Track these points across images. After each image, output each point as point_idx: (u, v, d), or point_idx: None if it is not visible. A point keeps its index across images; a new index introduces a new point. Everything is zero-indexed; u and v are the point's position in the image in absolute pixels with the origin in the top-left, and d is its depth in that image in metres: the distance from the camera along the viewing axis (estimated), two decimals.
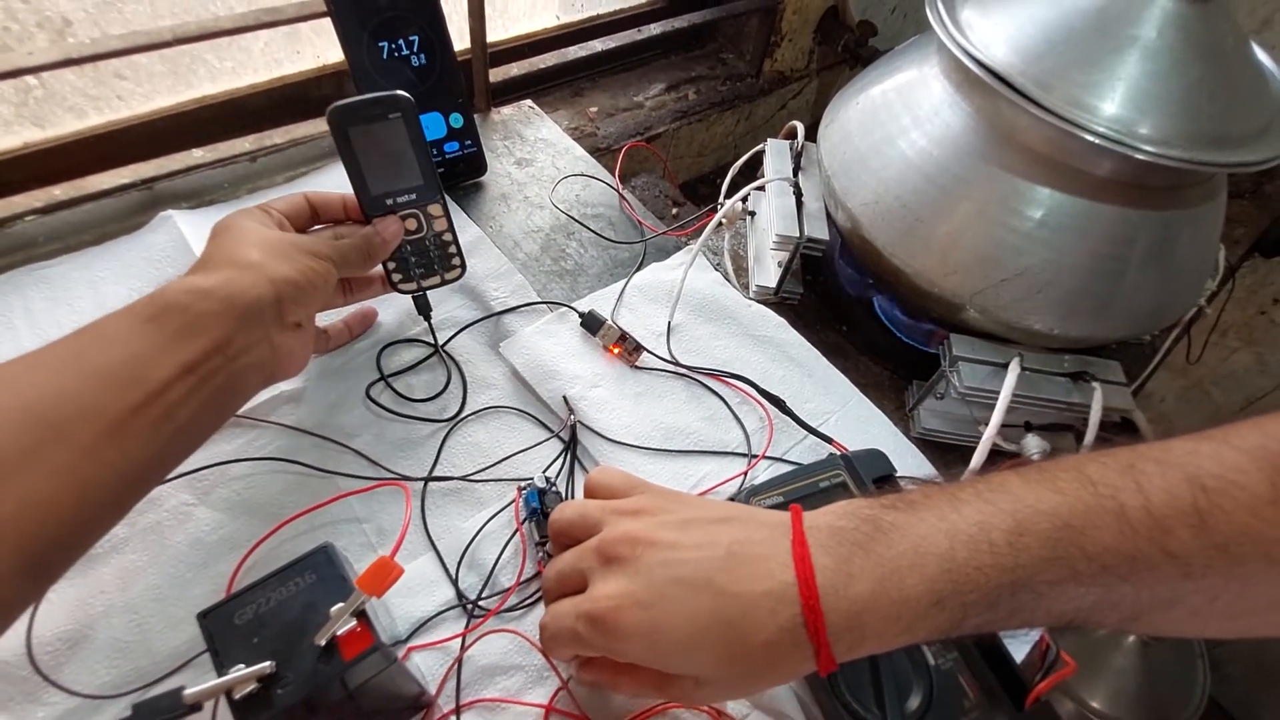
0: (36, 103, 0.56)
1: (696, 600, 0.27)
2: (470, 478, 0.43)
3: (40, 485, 0.26)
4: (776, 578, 0.26)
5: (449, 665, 0.36)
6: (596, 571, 0.29)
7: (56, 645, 0.35)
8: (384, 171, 0.41)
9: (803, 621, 0.25)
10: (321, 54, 0.67)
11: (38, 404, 0.27)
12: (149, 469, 0.30)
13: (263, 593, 0.27)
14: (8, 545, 0.24)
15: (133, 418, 0.28)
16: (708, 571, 0.27)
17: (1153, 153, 0.40)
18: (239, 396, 0.35)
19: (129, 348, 0.29)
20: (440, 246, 0.45)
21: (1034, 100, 0.42)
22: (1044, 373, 0.47)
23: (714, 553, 0.28)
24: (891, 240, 0.48)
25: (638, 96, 0.83)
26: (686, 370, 0.48)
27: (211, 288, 0.32)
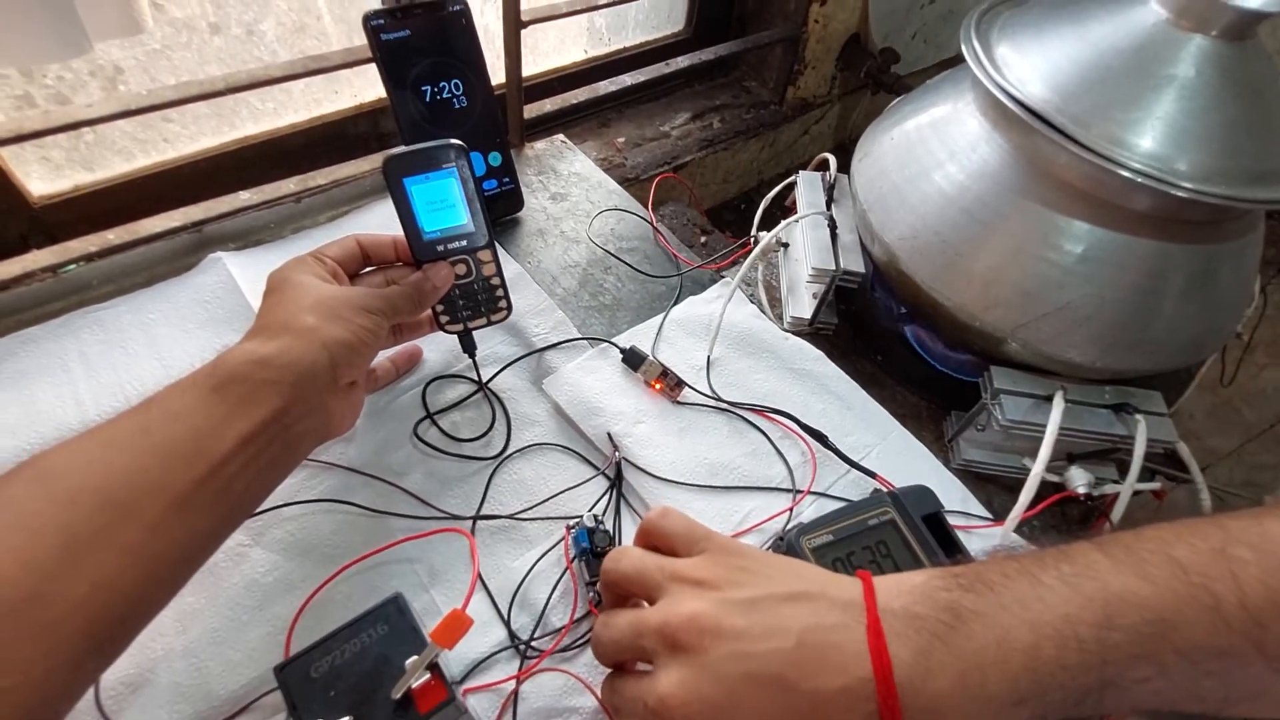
0: (87, 147, 0.57)
1: (768, 698, 0.25)
2: (518, 516, 0.43)
3: (110, 565, 0.26)
4: (852, 673, 0.25)
5: (502, 706, 0.36)
6: (660, 656, 0.27)
7: (119, 689, 0.36)
8: (436, 218, 0.42)
9: (875, 699, 0.24)
10: (359, 93, 0.68)
11: (108, 484, 0.27)
12: (208, 540, 0.31)
13: (336, 644, 0.27)
14: (79, 627, 0.25)
15: (196, 491, 0.29)
16: (779, 666, 0.26)
17: (1191, 189, 0.41)
18: (293, 461, 0.36)
19: (192, 421, 0.30)
20: (488, 290, 0.45)
21: (1072, 137, 0.42)
22: (1086, 404, 0.47)
23: (785, 643, 0.26)
24: (930, 274, 0.49)
25: (664, 126, 0.84)
26: (728, 405, 0.48)
27: (270, 356, 0.33)
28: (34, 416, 0.44)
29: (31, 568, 0.24)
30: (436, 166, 0.41)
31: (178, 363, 0.47)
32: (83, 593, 0.25)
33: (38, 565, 0.24)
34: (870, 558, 0.39)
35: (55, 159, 0.56)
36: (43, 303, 0.49)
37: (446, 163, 0.41)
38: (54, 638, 0.24)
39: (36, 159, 0.56)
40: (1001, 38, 0.48)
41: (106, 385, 0.46)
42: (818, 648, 0.26)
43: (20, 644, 0.23)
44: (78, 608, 0.25)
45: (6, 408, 0.44)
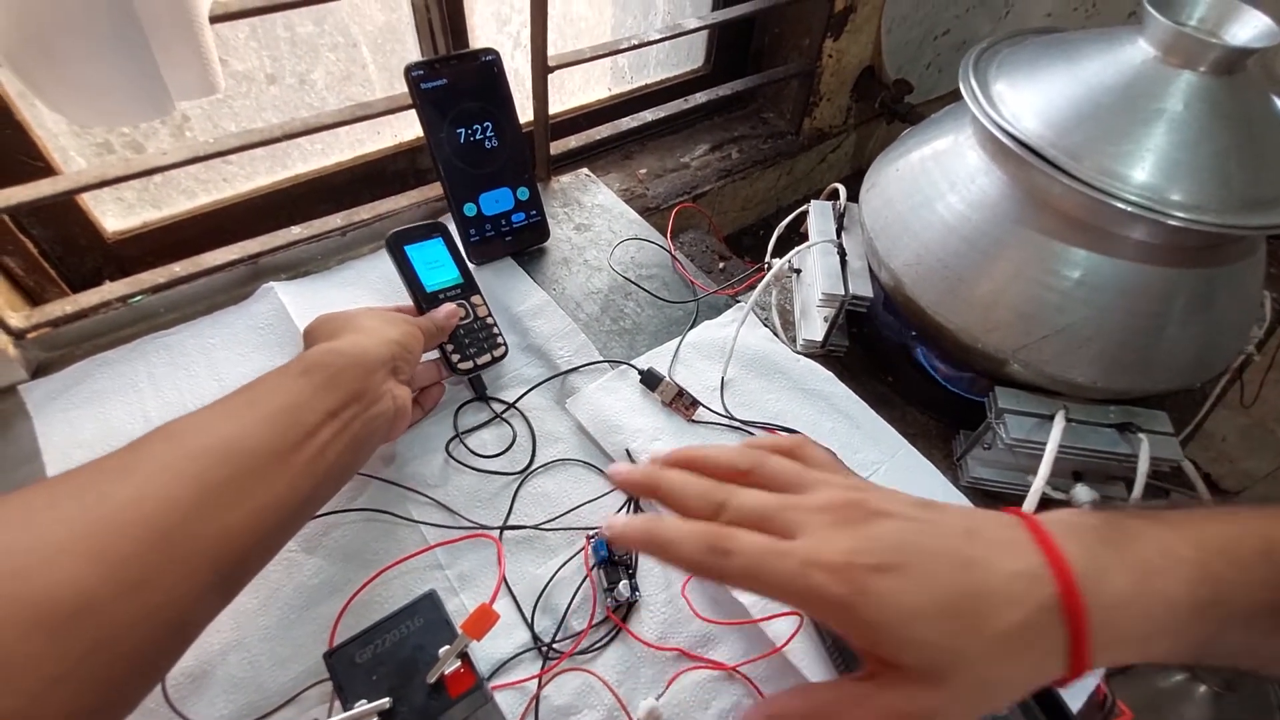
0: (155, 187, 0.63)
1: (945, 570, 0.24)
2: (541, 526, 0.46)
3: (234, 512, 0.30)
4: (1026, 558, 0.24)
5: (526, 704, 0.39)
6: (822, 528, 0.26)
7: (181, 680, 0.39)
8: (433, 274, 0.52)
9: (1059, 604, 0.23)
10: (399, 133, 0.74)
11: (228, 444, 0.31)
12: (306, 502, 0.35)
13: (378, 634, 0.30)
14: (209, 564, 0.28)
15: (295, 454, 0.33)
16: (952, 543, 0.25)
17: (1184, 219, 0.42)
18: (371, 442, 0.40)
19: (288, 397, 0.35)
20: (485, 329, 0.52)
21: (1066, 170, 0.45)
22: (1090, 424, 0.48)
23: (952, 528, 0.26)
24: (934, 299, 0.51)
25: (684, 158, 0.88)
26: (741, 424, 0.51)
27: (344, 348, 0.39)
28: (107, 432, 0.49)
29: (172, 507, 0.28)
30: (428, 236, 0.53)
31: (234, 383, 0.50)
32: (213, 533, 0.29)
33: (177, 506, 0.28)
34: None
35: (128, 199, 0.62)
36: (116, 329, 0.54)
37: (434, 234, 0.53)
38: (190, 568, 0.28)
39: (112, 199, 0.61)
40: (999, 75, 0.51)
41: (171, 404, 0.51)
42: (985, 537, 0.25)
43: (165, 570, 0.27)
44: (208, 546, 0.28)
45: (84, 424, 0.49)
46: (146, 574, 0.26)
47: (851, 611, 0.24)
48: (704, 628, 0.43)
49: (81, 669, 0.24)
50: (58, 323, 0.52)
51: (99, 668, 0.24)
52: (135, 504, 0.27)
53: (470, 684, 0.29)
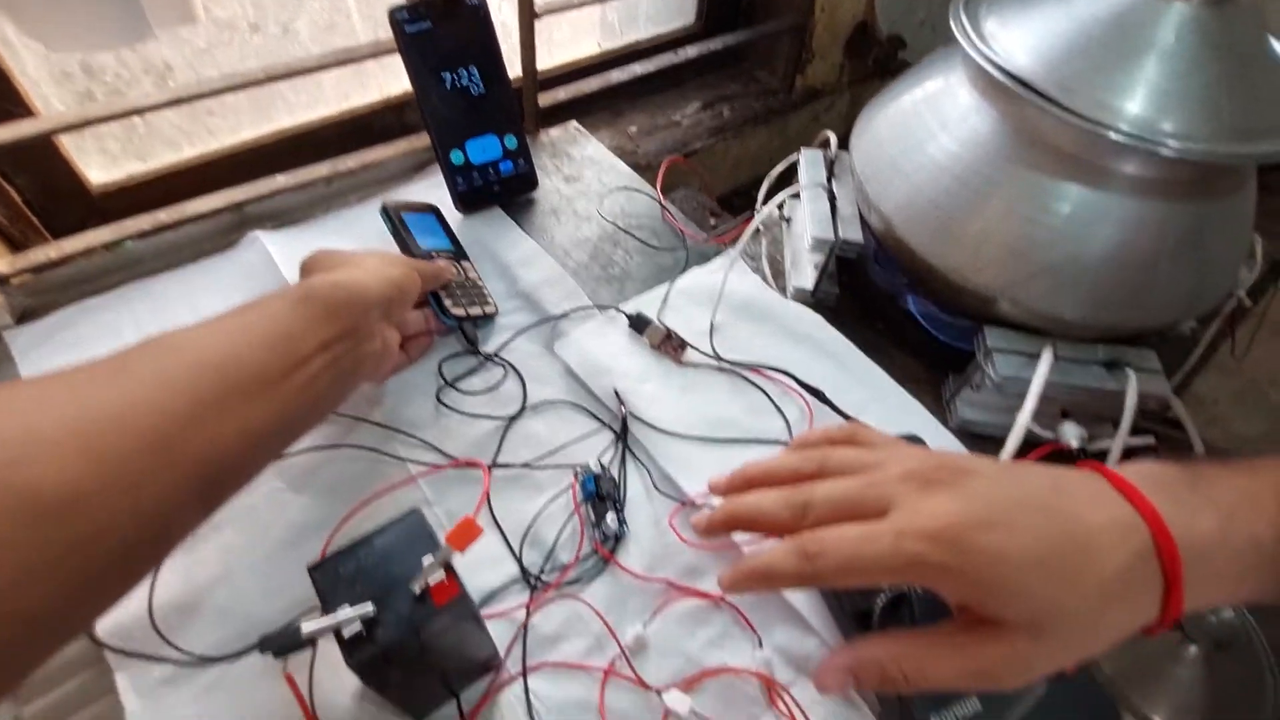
0: (140, 139, 0.62)
1: (1043, 522, 0.25)
2: (530, 465, 0.46)
3: (224, 427, 0.30)
4: (1116, 507, 0.25)
5: (515, 633, 0.39)
6: (911, 496, 0.26)
7: (169, 613, 0.39)
8: (427, 239, 0.54)
9: (1154, 549, 0.24)
10: (385, 87, 0.73)
11: (222, 361, 0.31)
12: (291, 427, 0.36)
13: (363, 548, 0.30)
14: (197, 473, 0.28)
15: (284, 380, 0.33)
16: (1046, 498, 0.26)
17: (1176, 148, 0.42)
18: (357, 377, 0.41)
19: (283, 324, 0.35)
20: (475, 288, 0.54)
21: (1058, 103, 0.44)
22: (1079, 361, 0.48)
23: (1038, 483, 0.26)
24: (924, 240, 0.51)
25: (675, 115, 0.87)
26: (729, 365, 0.51)
27: (345, 282, 0.39)
28: None
29: (164, 415, 0.28)
30: (423, 210, 0.56)
31: None
32: (202, 445, 0.29)
33: (169, 415, 0.28)
34: None
35: (112, 150, 0.61)
36: (102, 276, 0.53)
37: (429, 211, 0.56)
38: (177, 476, 0.28)
39: (96, 150, 0.61)
40: (989, 13, 0.50)
41: None
42: (1072, 490, 0.26)
43: (154, 474, 0.27)
44: (197, 457, 0.28)
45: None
46: (135, 476, 0.26)
47: (957, 574, 0.24)
48: (691, 560, 0.43)
49: (65, 561, 0.24)
50: (42, 268, 0.52)
51: (82, 562, 0.24)
52: (130, 407, 0.27)
53: (454, 593, 0.29)
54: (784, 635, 0.40)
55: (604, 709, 0.37)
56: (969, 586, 0.25)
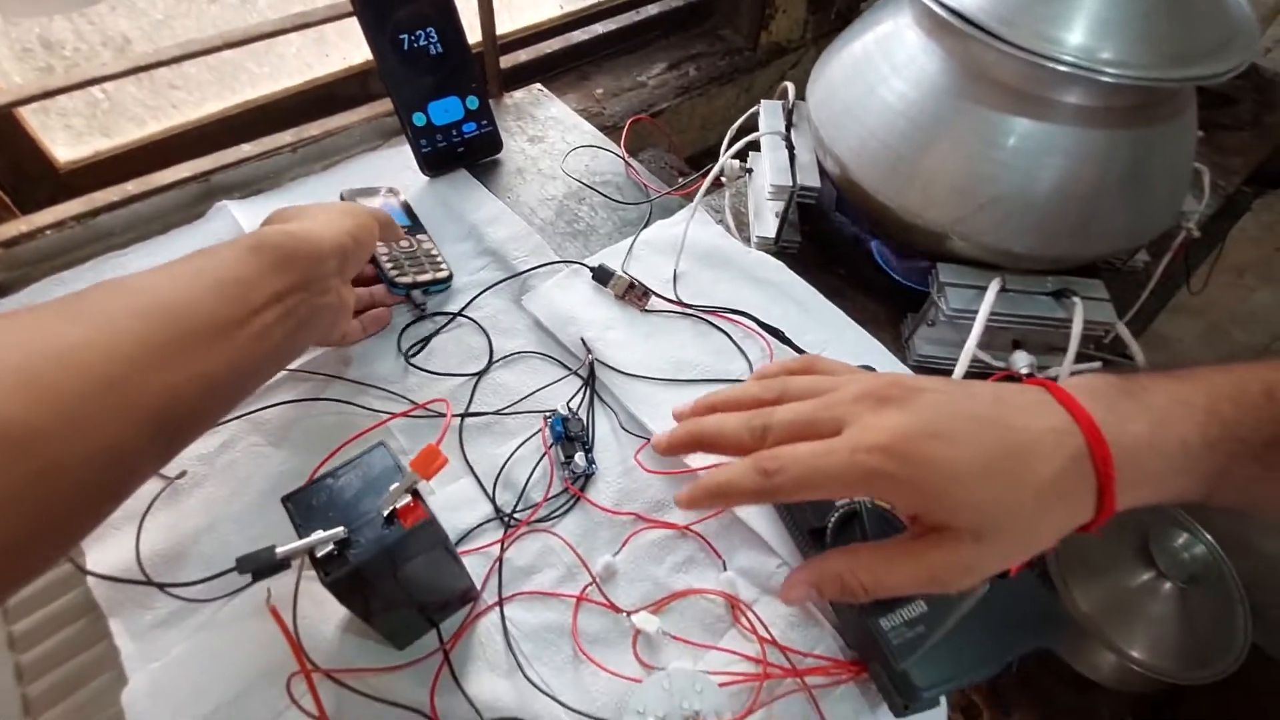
0: (104, 114, 0.63)
1: (986, 432, 0.26)
2: (501, 412, 0.48)
3: (176, 372, 0.30)
4: (1054, 415, 0.27)
5: (490, 566, 0.41)
6: (864, 414, 0.28)
7: (157, 561, 0.41)
8: None
9: (1089, 452, 0.26)
10: (347, 56, 0.73)
11: (174, 306, 0.31)
12: (246, 377, 0.36)
13: (333, 480, 0.32)
14: (150, 417, 0.29)
15: (237, 329, 0.33)
16: (989, 410, 0.27)
17: (1115, 74, 0.43)
18: (312, 330, 0.41)
19: (235, 271, 0.35)
20: (430, 257, 0.54)
21: (1001, 37, 0.45)
22: (1028, 293, 0.50)
23: (983, 396, 0.28)
24: (876, 180, 0.52)
25: (641, 76, 0.87)
26: (692, 309, 0.52)
27: (298, 232, 0.39)
28: None
29: (117, 357, 0.28)
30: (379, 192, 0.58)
31: None
32: (155, 390, 0.29)
33: (122, 357, 0.28)
34: None
35: (77, 126, 0.62)
36: (73, 249, 0.54)
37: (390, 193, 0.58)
38: (133, 419, 0.28)
39: (61, 127, 0.61)
40: None
41: None
42: (1015, 403, 0.28)
43: (108, 415, 0.27)
44: (150, 400, 0.29)
45: None
46: (90, 416, 0.27)
47: (908, 484, 0.26)
48: (658, 494, 0.45)
49: (25, 495, 0.25)
50: (12, 243, 0.53)
51: (42, 496, 0.25)
52: (83, 348, 0.28)
53: (421, 516, 0.30)
54: (746, 558, 0.42)
55: (577, 632, 0.39)
56: (918, 495, 0.27)
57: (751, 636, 0.38)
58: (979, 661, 0.34)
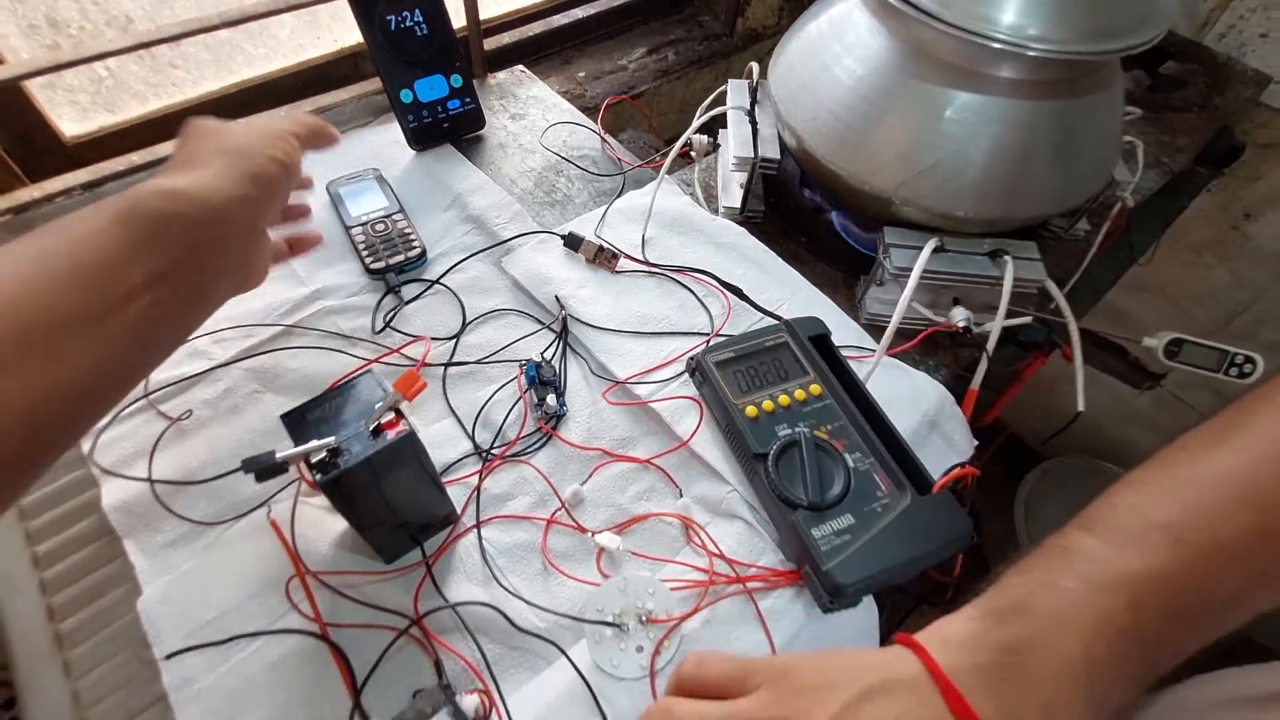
0: (108, 91, 0.66)
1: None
2: (481, 361, 0.52)
3: (31, 380, 0.26)
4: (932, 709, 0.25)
5: (469, 494, 0.45)
6: None
7: (167, 490, 0.45)
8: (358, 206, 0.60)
9: None
10: (339, 38, 0.77)
11: (9, 306, 0.26)
12: (125, 369, 0.31)
13: (325, 400, 0.36)
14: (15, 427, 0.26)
15: (99, 325, 0.28)
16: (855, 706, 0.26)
17: (1041, 49, 0.48)
18: (209, 306, 0.35)
19: (96, 253, 0.28)
20: (403, 237, 0.58)
21: (938, 17, 0.50)
22: (966, 253, 0.55)
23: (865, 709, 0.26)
24: (828, 149, 0.56)
25: (621, 60, 0.91)
26: (658, 269, 0.57)
27: (186, 191, 0.31)
28: None
29: None
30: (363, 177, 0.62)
31: None
32: (13, 397, 0.26)
33: None
34: (767, 370, 0.48)
35: (82, 102, 0.65)
36: None
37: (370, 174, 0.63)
38: None
39: (67, 103, 0.65)
40: None
41: None
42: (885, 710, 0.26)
43: None
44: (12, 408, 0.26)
45: None
46: None
47: None
48: (624, 432, 0.49)
49: None
50: (22, 209, 0.56)
51: None
52: None
53: (404, 431, 0.35)
54: (701, 487, 0.46)
55: (546, 549, 0.44)
56: None
57: (702, 552, 0.43)
58: (896, 566, 0.39)
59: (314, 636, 0.40)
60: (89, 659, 0.40)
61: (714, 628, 0.40)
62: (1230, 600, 0.27)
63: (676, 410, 0.49)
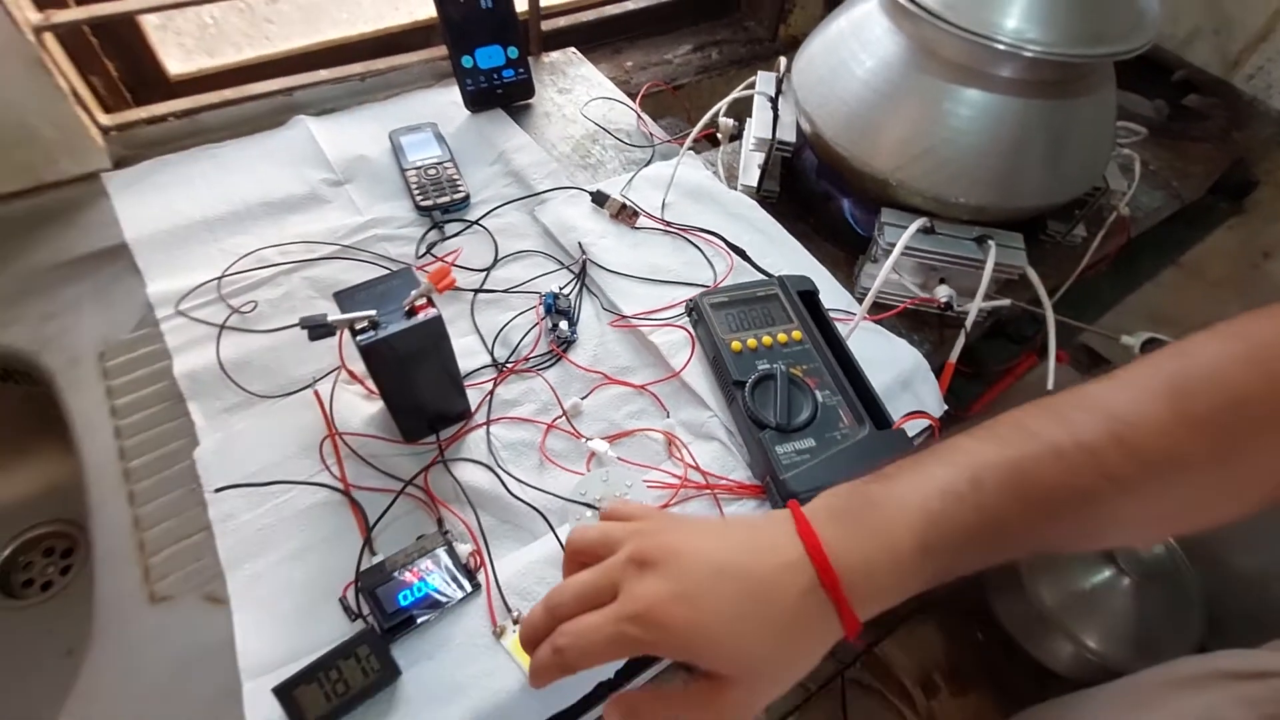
0: (210, 38, 0.76)
1: (729, 586, 0.29)
2: (509, 290, 0.59)
3: None
4: (790, 551, 0.29)
5: (483, 397, 0.52)
6: (631, 579, 0.29)
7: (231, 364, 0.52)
8: (415, 153, 0.68)
9: (820, 583, 0.28)
10: (414, 12, 0.85)
11: None
12: None
13: (371, 285, 0.43)
14: None
15: None
16: (737, 558, 0.30)
17: (1037, 51, 0.53)
18: None
19: None
20: (451, 182, 0.66)
21: (948, 21, 0.55)
22: (955, 237, 0.59)
23: (735, 543, 0.30)
24: (836, 132, 0.62)
25: (667, 55, 0.98)
26: (672, 227, 0.63)
27: None
28: (169, 210, 0.62)
29: None
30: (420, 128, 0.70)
31: (267, 185, 0.65)
32: None
33: None
34: (756, 315, 0.54)
35: (187, 45, 0.75)
36: (179, 138, 0.67)
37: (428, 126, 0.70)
38: None
39: (175, 44, 0.74)
40: None
41: (219, 194, 0.63)
42: (759, 543, 0.30)
43: None
44: None
45: (152, 204, 0.62)
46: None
47: (666, 646, 0.29)
48: (625, 362, 0.55)
49: None
50: (128, 127, 0.65)
51: None
52: None
53: (433, 313, 0.41)
54: (686, 412, 0.52)
55: (544, 448, 0.50)
56: (679, 652, 0.29)
57: (680, 464, 0.48)
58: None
59: (339, 491, 0.46)
60: (150, 492, 0.47)
61: None
62: (1086, 499, 0.29)
63: (672, 345, 0.54)
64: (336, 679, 0.37)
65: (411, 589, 0.40)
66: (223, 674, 0.40)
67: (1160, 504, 0.31)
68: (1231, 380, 0.30)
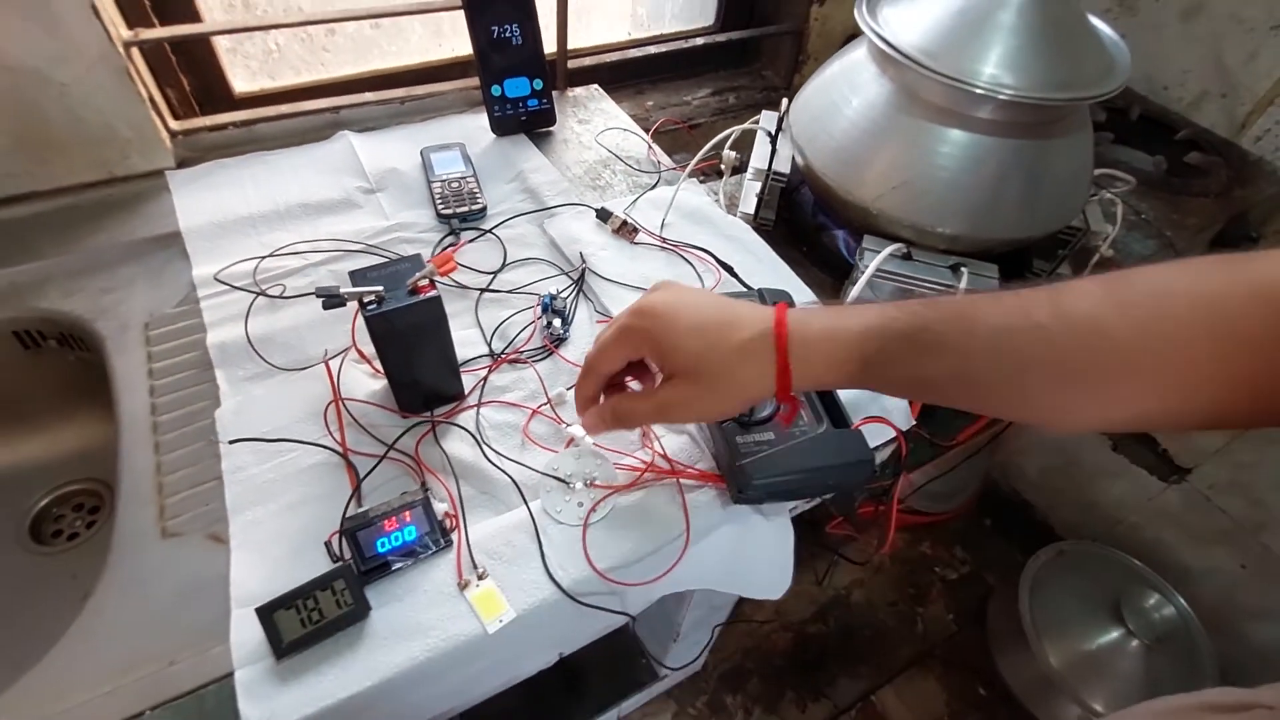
0: (273, 62, 0.85)
1: (707, 305, 0.39)
2: (512, 291, 0.64)
3: None
4: (763, 310, 0.38)
5: (477, 383, 0.57)
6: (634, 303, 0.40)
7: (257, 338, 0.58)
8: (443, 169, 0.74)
9: (772, 333, 0.36)
10: (455, 49, 0.94)
11: None
12: None
13: (380, 268, 0.48)
14: None
15: None
16: (721, 300, 0.40)
17: (1010, 94, 0.57)
18: None
19: None
20: (470, 194, 0.72)
21: (930, 68, 0.60)
22: (931, 264, 0.63)
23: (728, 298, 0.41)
24: (823, 164, 0.67)
25: (687, 97, 1.05)
26: (668, 244, 0.68)
27: None
28: (220, 208, 0.69)
29: None
30: (449, 147, 0.77)
31: (309, 186, 0.72)
32: None
33: None
34: None
35: (252, 66, 0.84)
36: (235, 145, 0.75)
37: (455, 146, 0.77)
38: None
39: (241, 66, 0.83)
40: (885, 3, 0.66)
41: (265, 195, 0.71)
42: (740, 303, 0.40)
43: None
44: None
45: (206, 201, 0.70)
46: None
47: (647, 333, 0.38)
48: None
49: None
50: (196, 131, 0.74)
51: None
52: None
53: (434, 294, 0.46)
54: None
55: (527, 430, 0.54)
56: (654, 344, 0.38)
57: (651, 452, 0.52)
58: (799, 472, 0.47)
59: (337, 454, 0.51)
60: (173, 443, 0.52)
61: (643, 501, 0.49)
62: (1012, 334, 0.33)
63: None
64: (313, 607, 0.41)
65: (389, 537, 0.44)
66: (216, 605, 0.44)
67: (1077, 364, 0.32)
68: (1163, 275, 0.32)
